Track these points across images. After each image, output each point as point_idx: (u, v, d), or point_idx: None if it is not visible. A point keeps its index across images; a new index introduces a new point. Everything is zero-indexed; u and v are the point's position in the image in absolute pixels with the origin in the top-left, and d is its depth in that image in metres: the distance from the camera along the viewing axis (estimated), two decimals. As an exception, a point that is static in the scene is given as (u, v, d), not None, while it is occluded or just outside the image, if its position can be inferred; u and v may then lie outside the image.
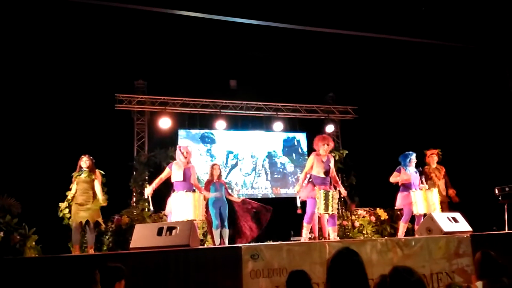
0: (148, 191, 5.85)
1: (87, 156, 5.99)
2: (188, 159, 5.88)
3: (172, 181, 5.76)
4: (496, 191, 7.60)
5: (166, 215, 6.20)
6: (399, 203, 6.48)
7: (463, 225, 5.60)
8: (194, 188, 5.78)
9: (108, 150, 8.58)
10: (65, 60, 8.10)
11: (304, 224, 5.84)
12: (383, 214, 8.75)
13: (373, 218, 8.88)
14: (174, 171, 5.76)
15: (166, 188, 6.01)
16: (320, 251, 4.48)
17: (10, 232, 5.09)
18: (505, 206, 7.24)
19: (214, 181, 6.71)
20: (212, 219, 6.44)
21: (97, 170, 6.04)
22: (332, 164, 5.98)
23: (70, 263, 4.01)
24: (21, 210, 5.63)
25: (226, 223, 6.59)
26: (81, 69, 8.30)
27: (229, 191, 7.28)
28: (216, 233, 6.41)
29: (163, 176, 5.88)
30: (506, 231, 6.88)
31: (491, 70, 8.47)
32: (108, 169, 8.28)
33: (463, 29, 7.81)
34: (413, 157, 6.50)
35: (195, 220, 5.29)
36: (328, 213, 5.69)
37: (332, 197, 5.66)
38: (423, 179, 6.62)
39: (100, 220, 5.93)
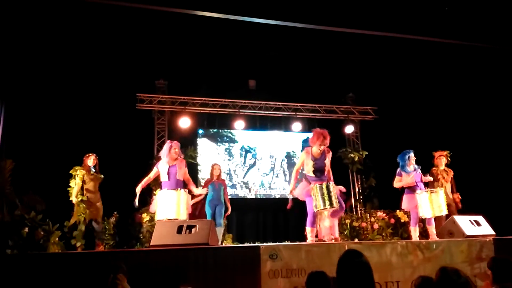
0: (138, 189, 5.76)
1: (94, 155, 6.12)
2: (173, 155, 5.67)
3: (161, 180, 5.69)
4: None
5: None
6: (405, 205, 6.33)
7: (486, 229, 5.49)
8: (182, 185, 5.64)
9: (129, 149, 8.73)
10: (88, 60, 8.26)
11: (307, 228, 5.40)
12: (403, 216, 8.62)
13: (392, 220, 8.77)
14: (160, 171, 5.68)
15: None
16: (339, 252, 4.41)
17: (35, 228, 5.22)
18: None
19: (213, 180, 6.75)
20: (207, 218, 6.47)
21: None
22: (327, 161, 5.43)
23: (91, 259, 4.10)
24: (45, 207, 5.78)
25: (221, 221, 6.60)
26: (103, 69, 8.45)
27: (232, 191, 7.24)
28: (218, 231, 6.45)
29: (151, 175, 5.79)
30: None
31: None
32: (128, 168, 8.43)
33: (487, 29, 7.65)
34: (411, 154, 6.27)
35: (177, 219, 5.16)
36: (327, 208, 5.15)
37: (327, 189, 5.10)
38: (426, 176, 6.45)
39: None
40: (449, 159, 7.07)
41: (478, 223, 5.52)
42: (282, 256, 4.29)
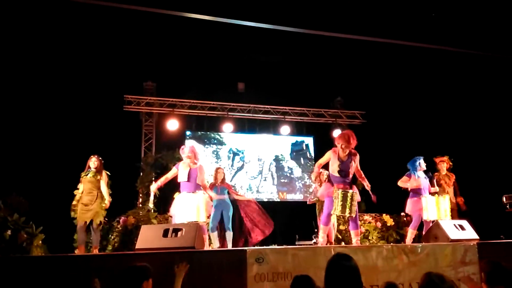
0: (153, 187, 5.88)
1: (96, 156, 6.07)
2: (193, 159, 5.78)
3: (178, 181, 5.75)
4: (504, 199, 7.55)
5: (171, 216, 6.23)
6: (408, 208, 6.39)
7: (470, 233, 5.55)
8: (200, 188, 5.74)
9: (116, 150, 8.64)
10: (75, 61, 8.18)
11: (321, 226, 5.56)
12: (389, 220, 8.68)
13: (379, 224, 8.82)
14: (180, 171, 5.72)
15: (171, 190, 6.02)
16: (325, 256, 4.45)
17: (18, 230, 5.13)
18: (513, 215, 7.18)
19: (217, 184, 6.71)
20: (211, 222, 6.44)
21: (103, 171, 6.09)
22: (354, 164, 5.54)
23: (76, 262, 4.04)
24: (28, 209, 5.68)
25: (230, 226, 6.58)
26: (91, 70, 8.38)
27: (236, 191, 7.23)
28: (213, 235, 6.43)
29: (169, 175, 5.84)
30: (514, 240, 6.81)
31: (502, 77, 8.41)
32: (115, 170, 8.35)
33: (473, 35, 7.77)
34: (421, 161, 6.37)
35: (198, 222, 5.26)
36: (345, 216, 5.39)
37: (351, 198, 5.31)
38: (434, 183, 6.55)
39: (102, 220, 6.00)
40: (451, 163, 7.15)
41: (462, 228, 5.58)
42: (268, 259, 4.28)
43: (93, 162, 6.04)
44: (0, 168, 5.89)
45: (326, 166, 5.87)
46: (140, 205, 8.42)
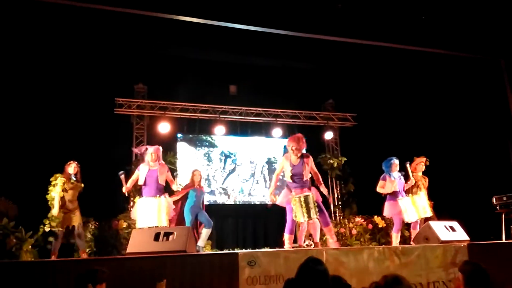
0: (124, 190, 5.85)
1: (75, 162, 5.99)
2: (155, 159, 5.74)
3: (138, 183, 5.71)
4: (494, 201, 7.62)
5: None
6: (387, 212, 6.41)
7: (460, 234, 5.59)
8: (162, 190, 5.69)
9: (107, 154, 8.59)
10: (66, 64, 8.13)
11: (285, 234, 5.40)
12: (380, 222, 8.75)
13: (370, 226, 8.87)
14: (140, 174, 5.69)
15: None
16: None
17: (7, 235, 5.08)
18: (502, 216, 7.25)
19: (195, 187, 6.64)
20: (186, 224, 6.38)
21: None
22: (307, 167, 5.39)
23: (67, 267, 4.00)
24: (18, 213, 5.62)
25: (210, 223, 6.51)
26: (81, 73, 8.33)
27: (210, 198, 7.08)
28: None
29: (134, 178, 5.84)
30: (503, 240, 6.88)
31: (490, 79, 8.51)
32: (106, 173, 8.30)
33: (462, 38, 7.86)
34: (394, 161, 6.36)
35: (158, 226, 5.24)
36: (312, 219, 5.26)
37: (307, 202, 5.14)
38: (409, 175, 6.53)
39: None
40: (424, 167, 7.17)
41: (452, 229, 5.62)
42: (260, 262, 4.28)
43: (73, 168, 5.96)
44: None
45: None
46: (131, 209, 8.37)
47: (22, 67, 7.69)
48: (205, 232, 6.43)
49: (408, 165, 6.60)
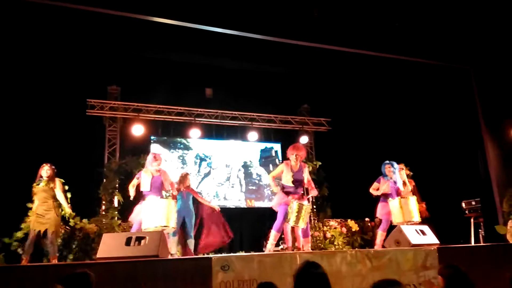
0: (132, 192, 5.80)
1: (48, 165, 5.87)
2: (155, 166, 5.77)
3: (141, 190, 5.66)
4: (463, 205, 7.83)
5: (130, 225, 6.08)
6: (378, 212, 6.54)
7: (430, 238, 5.71)
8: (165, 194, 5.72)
9: (78, 156, 8.40)
10: (38, 63, 7.90)
11: (272, 231, 5.66)
12: (354, 226, 8.85)
13: (344, 230, 8.96)
14: (143, 180, 5.67)
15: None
16: (291, 263, 4.47)
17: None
18: (471, 220, 7.45)
19: (182, 190, 6.63)
20: None
21: (56, 179, 5.93)
22: (306, 174, 5.88)
23: (34, 272, 3.87)
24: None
25: (192, 233, 6.53)
26: (52, 73, 8.11)
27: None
28: (173, 240, 6.35)
29: (134, 183, 5.80)
30: (472, 244, 7.08)
31: (460, 87, 8.74)
32: (77, 176, 8.10)
33: (434, 46, 8.06)
34: (387, 165, 6.53)
35: (167, 226, 5.22)
36: (299, 226, 5.59)
37: (305, 211, 5.56)
38: (406, 181, 6.66)
39: (59, 229, 5.81)
40: (409, 171, 7.33)
41: (423, 233, 5.74)
42: (234, 267, 4.26)
43: (45, 170, 5.84)
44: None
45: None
46: (103, 213, 8.20)
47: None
48: (189, 244, 6.45)
49: (403, 171, 6.73)
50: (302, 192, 5.88)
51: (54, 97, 8.09)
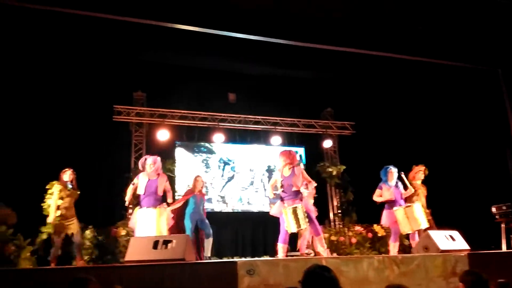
0: (127, 201, 5.93)
1: (71, 170, 6.01)
2: (155, 170, 5.80)
3: (137, 193, 5.72)
4: (493, 210, 7.61)
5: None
6: (384, 221, 6.43)
7: (460, 244, 5.58)
8: (159, 199, 5.72)
9: (106, 161, 8.59)
10: (65, 71, 8.14)
11: (278, 244, 5.58)
12: (380, 231, 8.71)
13: (370, 235, 8.83)
14: (140, 183, 5.72)
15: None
16: (317, 268, 4.44)
17: (5, 242, 5.04)
18: (502, 225, 7.24)
19: (195, 193, 6.64)
20: (186, 231, 6.37)
21: None
22: (298, 178, 5.63)
23: (65, 275, 3.97)
24: (16, 221, 5.60)
25: (210, 231, 6.52)
26: (80, 80, 8.33)
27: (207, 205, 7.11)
28: None
29: (132, 186, 5.87)
30: (503, 250, 6.87)
31: (488, 89, 8.55)
32: (105, 181, 8.28)
33: (460, 48, 7.90)
34: (391, 169, 6.40)
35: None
36: (302, 229, 5.49)
37: (296, 213, 5.33)
38: (406, 184, 6.53)
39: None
40: (424, 175, 7.16)
41: (452, 238, 5.61)
42: (259, 271, 4.25)
43: (68, 175, 5.98)
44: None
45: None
46: (130, 216, 8.33)
47: (21, 75, 7.69)
48: (206, 243, 6.41)
49: (403, 175, 6.59)
50: (298, 195, 5.66)
51: (82, 104, 8.32)
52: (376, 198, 6.39)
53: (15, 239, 5.21)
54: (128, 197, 5.86)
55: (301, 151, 10.84)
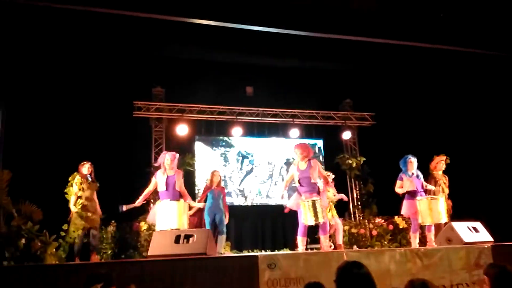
0: (137, 202, 5.97)
1: (89, 163, 6.15)
2: (172, 166, 5.84)
3: (157, 190, 5.78)
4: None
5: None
6: (404, 211, 6.33)
7: (484, 235, 5.49)
8: (179, 195, 5.77)
9: (127, 156, 8.71)
10: (85, 68, 8.26)
11: (298, 237, 5.59)
12: (401, 223, 8.62)
13: (391, 227, 8.76)
14: (159, 180, 5.77)
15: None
16: (338, 261, 4.40)
17: (31, 239, 5.17)
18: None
19: (213, 188, 6.67)
20: (206, 227, 6.41)
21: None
22: (315, 170, 5.64)
23: (90, 270, 4.06)
24: (42, 217, 5.73)
25: (224, 229, 6.53)
26: (100, 77, 8.45)
27: (226, 199, 7.06)
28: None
29: (151, 188, 5.92)
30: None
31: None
32: (126, 176, 8.40)
33: (482, 35, 7.70)
34: (411, 159, 6.28)
35: (179, 228, 5.27)
36: (319, 223, 5.44)
37: (314, 206, 5.37)
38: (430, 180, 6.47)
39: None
40: (446, 165, 7.03)
41: (476, 230, 5.52)
42: (280, 265, 4.27)
43: (87, 168, 6.13)
44: (13, 177, 5.94)
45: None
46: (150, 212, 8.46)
47: (43, 72, 7.84)
48: (219, 240, 6.46)
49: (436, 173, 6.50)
50: (315, 188, 5.66)
51: (103, 100, 8.44)
52: (398, 189, 6.32)
53: (40, 235, 5.32)
54: (141, 198, 5.93)
55: (319, 143, 10.79)
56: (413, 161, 6.28)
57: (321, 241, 5.70)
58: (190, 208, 6.20)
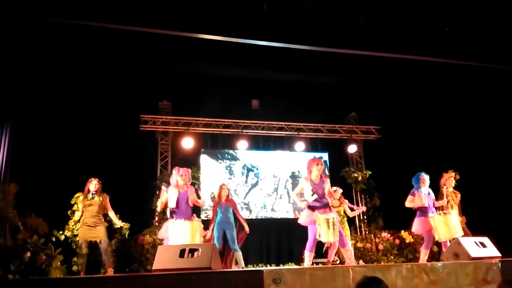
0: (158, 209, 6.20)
1: (96, 179, 6.16)
2: (185, 182, 5.84)
3: (169, 206, 5.77)
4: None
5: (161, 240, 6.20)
6: (416, 228, 6.29)
7: (491, 251, 5.41)
8: (191, 211, 5.78)
9: (133, 169, 8.75)
10: (92, 82, 8.36)
11: (306, 252, 5.58)
12: (407, 237, 8.54)
13: (397, 241, 8.67)
14: (170, 197, 5.76)
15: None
16: (344, 276, 4.39)
17: (37, 252, 5.18)
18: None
19: (221, 202, 6.63)
20: (214, 240, 6.38)
21: (104, 193, 6.24)
22: (326, 185, 5.70)
23: (96, 284, 4.05)
24: (47, 231, 5.75)
25: (236, 246, 6.47)
26: (107, 91, 8.54)
27: (239, 210, 7.02)
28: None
29: (163, 200, 5.90)
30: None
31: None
32: (132, 189, 8.43)
33: (487, 49, 7.71)
34: (423, 176, 6.25)
35: None
36: (335, 240, 5.46)
37: (333, 223, 5.40)
38: (440, 195, 6.43)
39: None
40: (455, 181, 7.00)
41: (483, 245, 5.45)
42: (285, 280, 4.23)
43: (94, 185, 6.13)
44: (20, 190, 5.99)
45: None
46: (157, 224, 8.45)
47: (50, 85, 7.94)
48: (236, 256, 6.44)
49: (444, 188, 6.48)
50: (328, 204, 5.67)
51: (109, 114, 8.51)
52: (409, 203, 6.29)
53: (46, 249, 5.34)
54: (159, 207, 6.04)
55: (325, 156, 10.77)
56: (425, 178, 6.27)
57: (343, 255, 5.73)
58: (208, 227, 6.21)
